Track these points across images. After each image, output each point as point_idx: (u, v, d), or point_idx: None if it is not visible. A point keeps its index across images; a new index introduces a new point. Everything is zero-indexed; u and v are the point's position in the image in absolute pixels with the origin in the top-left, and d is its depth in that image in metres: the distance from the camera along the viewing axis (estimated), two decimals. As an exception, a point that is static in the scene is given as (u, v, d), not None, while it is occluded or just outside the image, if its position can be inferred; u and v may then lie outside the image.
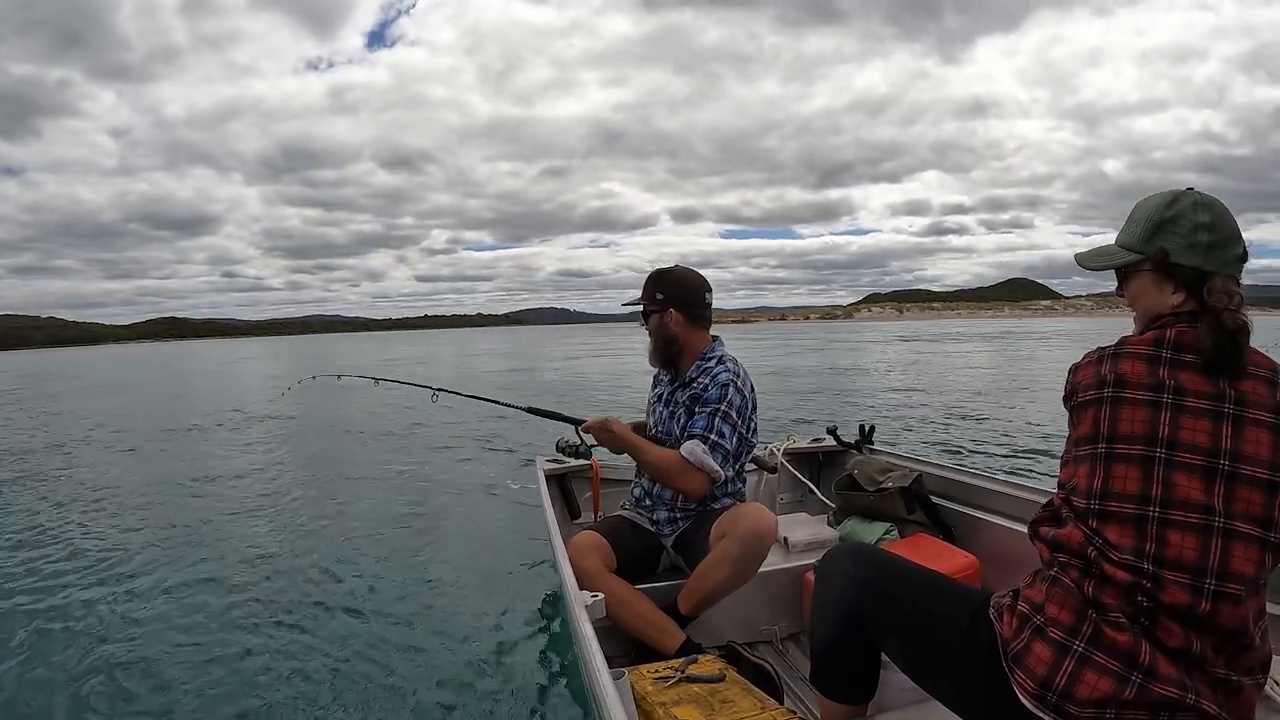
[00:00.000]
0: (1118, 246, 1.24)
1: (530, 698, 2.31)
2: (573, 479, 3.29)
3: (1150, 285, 1.19)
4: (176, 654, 2.63)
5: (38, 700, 2.33)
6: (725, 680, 1.76)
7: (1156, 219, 1.18)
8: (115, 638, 2.78)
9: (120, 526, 4.49)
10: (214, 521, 4.58)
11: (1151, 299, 1.19)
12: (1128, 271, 1.23)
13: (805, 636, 2.35)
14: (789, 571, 2.39)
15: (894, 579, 1.37)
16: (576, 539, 2.22)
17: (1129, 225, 1.23)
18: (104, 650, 2.67)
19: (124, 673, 2.49)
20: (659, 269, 2.46)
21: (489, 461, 6.50)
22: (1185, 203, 1.16)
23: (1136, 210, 1.23)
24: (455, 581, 3.37)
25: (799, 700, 2.02)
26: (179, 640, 2.74)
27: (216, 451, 7.58)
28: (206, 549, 3.94)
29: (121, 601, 3.17)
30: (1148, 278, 1.19)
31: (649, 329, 2.41)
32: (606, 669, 1.49)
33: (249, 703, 2.28)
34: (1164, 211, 1.17)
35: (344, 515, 4.65)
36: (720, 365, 2.33)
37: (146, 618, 2.97)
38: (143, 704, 2.30)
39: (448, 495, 5.20)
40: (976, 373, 15.86)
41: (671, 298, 2.37)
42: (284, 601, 3.12)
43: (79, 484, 5.94)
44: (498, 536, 4.13)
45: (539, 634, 2.79)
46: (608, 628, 1.96)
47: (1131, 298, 1.23)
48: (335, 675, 2.44)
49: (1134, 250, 1.20)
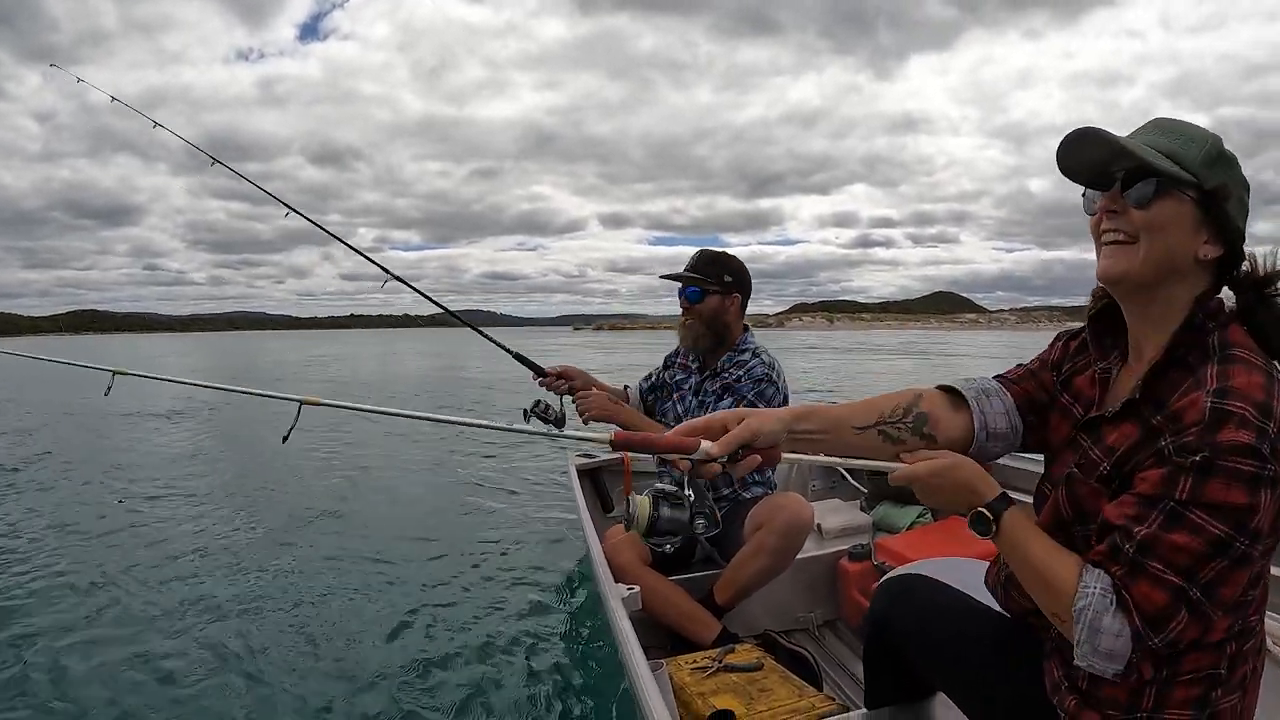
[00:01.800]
0: (1161, 155, 0.91)
1: (569, 691, 2.35)
2: (604, 472, 3.32)
3: (1189, 219, 0.92)
4: (225, 638, 2.71)
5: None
6: (763, 669, 1.78)
7: (1218, 150, 0.92)
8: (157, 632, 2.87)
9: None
10: (272, 518, 4.69)
11: (1182, 236, 0.92)
12: (1160, 190, 0.91)
13: (842, 623, 2.36)
14: (823, 559, 2.39)
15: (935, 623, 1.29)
16: (610, 533, 2.25)
17: (1175, 139, 0.93)
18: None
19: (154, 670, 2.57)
20: (717, 251, 2.40)
21: (518, 459, 6.57)
22: (1233, 153, 0.94)
23: (1180, 127, 0.95)
24: (491, 576, 3.42)
25: (838, 687, 2.03)
26: (229, 626, 2.82)
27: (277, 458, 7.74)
28: (256, 549, 4.03)
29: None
30: (1190, 209, 0.91)
31: (701, 309, 2.30)
32: (645, 660, 1.51)
33: (291, 692, 2.33)
34: (1222, 148, 0.93)
35: (376, 514, 4.73)
36: (755, 358, 2.30)
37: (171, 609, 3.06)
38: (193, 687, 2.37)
39: (481, 492, 5.27)
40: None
41: (739, 283, 2.32)
42: (322, 596, 3.19)
43: None
44: (532, 531, 4.17)
45: (576, 627, 2.83)
46: (644, 620, 1.99)
47: (1149, 222, 0.92)
48: (375, 666, 2.49)
49: (1188, 169, 0.91)
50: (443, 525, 4.43)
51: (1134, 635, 0.87)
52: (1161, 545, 0.85)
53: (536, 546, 3.88)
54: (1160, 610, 0.85)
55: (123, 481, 5.84)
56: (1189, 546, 0.83)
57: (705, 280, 2.30)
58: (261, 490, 5.58)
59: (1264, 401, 0.83)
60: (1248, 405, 0.83)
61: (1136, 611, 0.86)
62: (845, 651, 2.23)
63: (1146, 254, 0.93)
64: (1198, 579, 0.84)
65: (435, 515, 4.69)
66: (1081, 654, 0.89)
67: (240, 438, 8.61)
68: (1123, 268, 0.95)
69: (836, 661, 2.18)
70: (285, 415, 1.20)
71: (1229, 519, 0.82)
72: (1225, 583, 0.84)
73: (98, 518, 4.67)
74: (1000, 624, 1.20)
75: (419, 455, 7.08)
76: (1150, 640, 0.86)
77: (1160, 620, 0.86)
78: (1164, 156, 0.91)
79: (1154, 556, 0.86)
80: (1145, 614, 0.86)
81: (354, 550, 3.96)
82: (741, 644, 1.94)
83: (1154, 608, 0.86)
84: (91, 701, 2.35)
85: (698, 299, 2.30)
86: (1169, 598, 0.85)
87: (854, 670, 2.10)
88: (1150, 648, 0.87)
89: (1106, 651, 0.87)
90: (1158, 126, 0.97)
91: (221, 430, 9.18)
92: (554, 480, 5.38)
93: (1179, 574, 0.84)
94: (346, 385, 17.37)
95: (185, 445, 7.90)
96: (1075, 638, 0.89)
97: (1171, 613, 0.85)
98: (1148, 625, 0.86)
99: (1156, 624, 0.86)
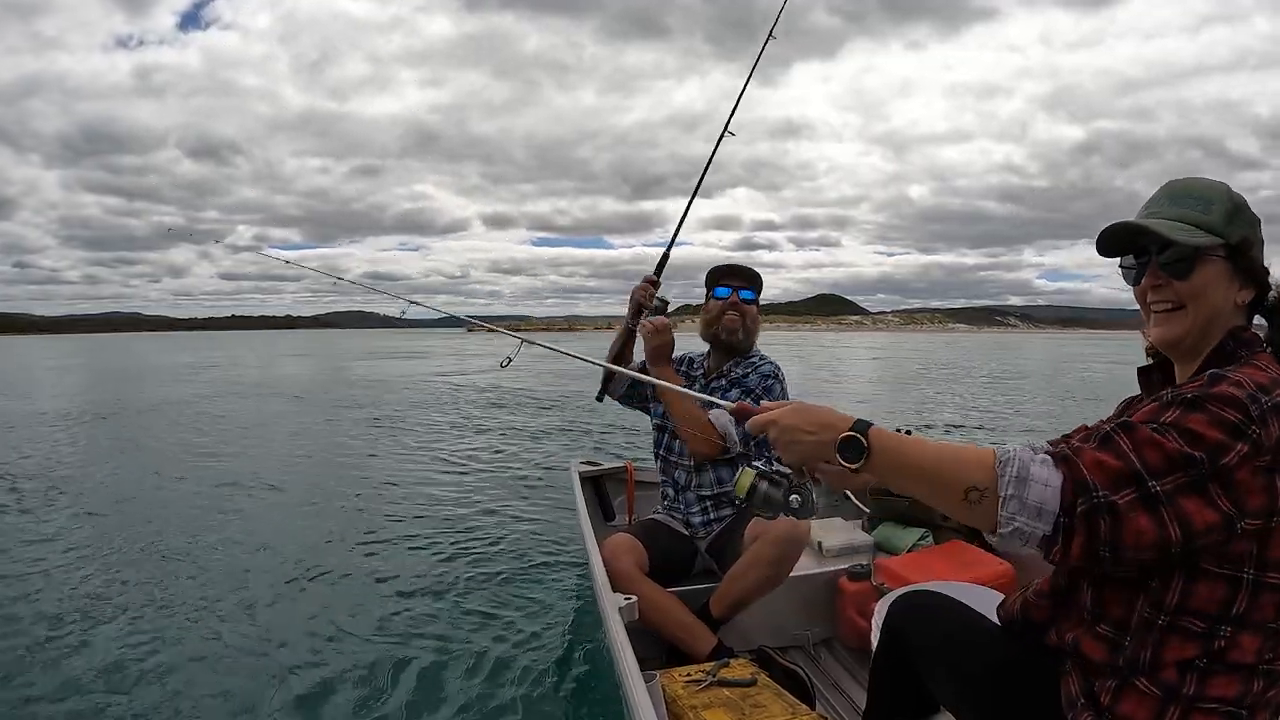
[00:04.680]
0: (1190, 226, 1.00)
1: (562, 699, 2.34)
2: (607, 481, 3.32)
3: (1224, 276, 1.00)
4: (192, 645, 2.71)
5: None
6: (757, 685, 1.76)
7: (1234, 202, 1.01)
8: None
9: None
10: (225, 515, 4.70)
11: (1221, 294, 1.00)
12: (1197, 258, 0.99)
13: (838, 642, 2.34)
14: (822, 577, 2.38)
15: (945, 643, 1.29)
16: (610, 541, 2.24)
17: (1198, 203, 1.01)
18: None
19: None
20: (747, 266, 2.52)
21: (522, 459, 6.57)
22: (1240, 195, 1.03)
23: (1196, 188, 1.03)
24: (487, 581, 3.41)
25: (831, 706, 2.01)
26: (200, 633, 2.83)
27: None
28: (216, 548, 4.04)
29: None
30: (1222, 267, 1.00)
31: (750, 310, 2.43)
32: (638, 671, 1.51)
33: (276, 697, 2.32)
34: (1234, 197, 1.02)
35: (370, 513, 4.74)
36: (764, 360, 2.45)
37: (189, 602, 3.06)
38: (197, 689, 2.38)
39: (482, 495, 5.27)
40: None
41: (760, 297, 2.50)
42: (312, 598, 3.19)
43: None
44: (531, 537, 4.17)
45: (571, 635, 2.82)
46: (640, 630, 1.98)
47: (1192, 290, 1.00)
48: (366, 672, 2.49)
49: (1214, 233, 0.99)
50: (443, 526, 4.43)
51: (1072, 487, 0.85)
52: (1137, 434, 0.87)
53: (536, 551, 3.87)
54: (1110, 475, 0.85)
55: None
56: (1161, 446, 0.85)
57: (757, 289, 2.47)
58: (282, 490, 5.60)
59: (1265, 383, 0.90)
60: (1245, 379, 0.90)
61: (1083, 468, 0.86)
62: (840, 671, 2.21)
63: (1194, 317, 1.01)
64: (1159, 477, 0.84)
65: (437, 515, 4.70)
66: (1007, 514, 0.86)
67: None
68: (1177, 333, 1.03)
69: (831, 681, 2.16)
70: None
71: (1201, 446, 0.84)
72: (1185, 497, 0.84)
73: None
74: (1015, 646, 1.20)
75: (424, 455, 7.10)
76: (1095, 493, 0.84)
77: (1107, 483, 0.84)
78: (1192, 227, 1.00)
79: (1125, 437, 0.88)
80: (1092, 473, 0.85)
81: (349, 547, 3.97)
82: (736, 658, 1.93)
83: (1103, 472, 0.85)
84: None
85: (751, 300, 2.46)
86: (1124, 469, 0.85)
87: (848, 690, 2.09)
88: (1094, 503, 0.84)
89: (1035, 505, 0.85)
90: (1174, 193, 1.04)
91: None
92: (556, 485, 5.37)
93: (1141, 462, 0.85)
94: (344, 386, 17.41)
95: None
96: (1001, 495, 0.87)
97: (1120, 483, 0.85)
98: (1092, 475, 0.85)
99: (1102, 484, 0.84)
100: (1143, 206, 1.08)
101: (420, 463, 6.66)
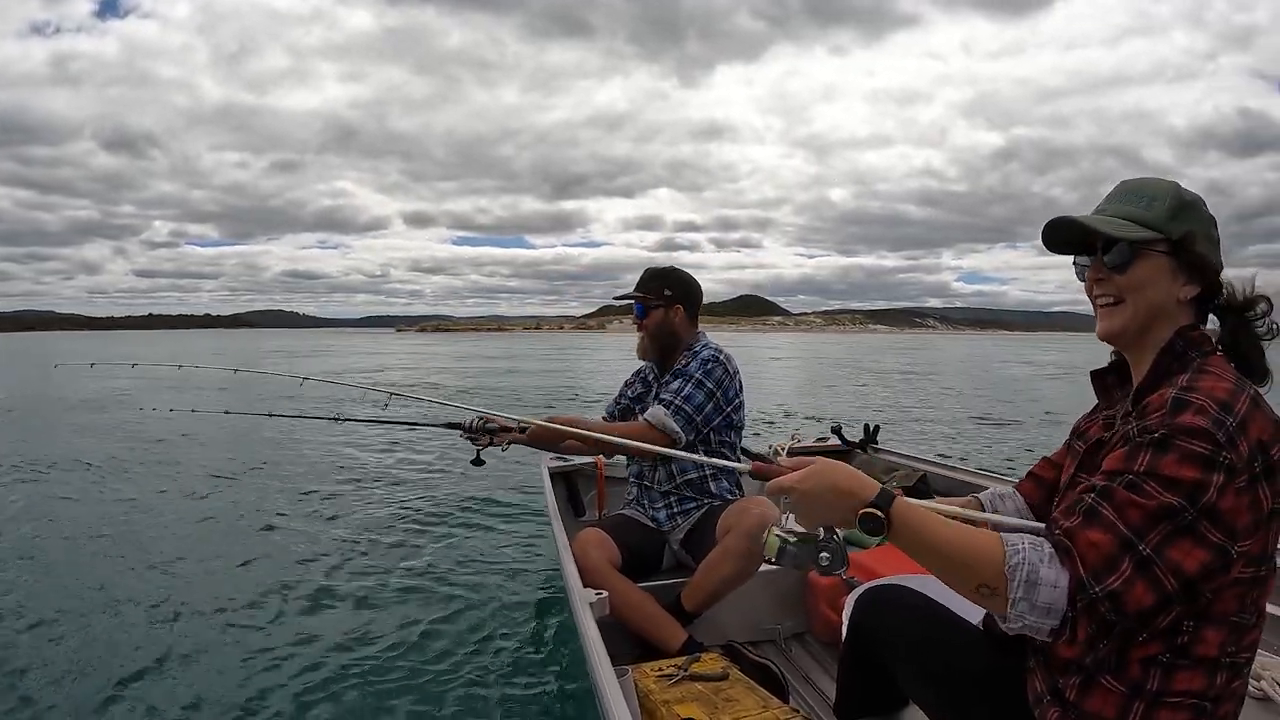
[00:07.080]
0: (1130, 221, 1.03)
1: (533, 695, 2.31)
2: (577, 477, 3.29)
3: (1165, 271, 1.02)
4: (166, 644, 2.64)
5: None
6: (729, 679, 1.76)
7: (1179, 199, 1.03)
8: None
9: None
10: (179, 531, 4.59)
11: (1161, 288, 1.03)
12: (1136, 252, 1.02)
13: (810, 636, 2.35)
14: (793, 571, 2.38)
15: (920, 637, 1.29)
16: (581, 536, 2.22)
17: (1141, 200, 1.04)
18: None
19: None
20: (661, 267, 2.49)
21: (492, 454, 6.50)
22: (1194, 193, 1.05)
23: (1144, 187, 1.06)
24: (457, 579, 3.36)
25: (803, 699, 2.01)
26: (166, 637, 2.75)
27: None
28: (188, 555, 3.95)
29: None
30: (1163, 262, 1.02)
31: (648, 323, 2.41)
32: (610, 666, 1.49)
33: (245, 702, 2.26)
34: (1182, 194, 1.03)
35: (341, 517, 4.65)
36: (705, 348, 2.40)
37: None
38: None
39: (449, 493, 5.21)
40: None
41: (678, 295, 2.42)
42: (281, 602, 3.12)
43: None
44: (501, 533, 4.13)
45: (542, 631, 2.79)
46: (612, 625, 1.96)
47: (1130, 283, 1.03)
48: (336, 673, 2.44)
49: (1154, 229, 1.02)
50: (412, 524, 4.37)
51: (1074, 585, 0.87)
52: (1117, 497, 0.90)
53: (508, 548, 3.84)
54: (1105, 557, 0.87)
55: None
56: (1142, 505, 0.88)
57: (647, 297, 2.42)
58: (227, 490, 5.47)
59: (1225, 399, 0.91)
60: (1208, 399, 0.91)
61: (1080, 559, 0.88)
62: (812, 664, 2.22)
63: (1134, 310, 1.04)
64: (1145, 537, 0.87)
65: (404, 513, 4.63)
66: (1016, 613, 0.89)
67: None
68: (1117, 326, 1.06)
69: (803, 674, 2.16)
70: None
71: (1180, 491, 0.87)
72: (1174, 546, 0.86)
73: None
74: (981, 638, 1.21)
75: (385, 450, 7.01)
76: (1092, 589, 0.86)
77: (1104, 567, 0.87)
78: (1132, 223, 1.03)
79: (1108, 506, 0.89)
80: (1088, 561, 0.88)
81: (312, 549, 3.90)
82: (707, 653, 1.92)
83: (1098, 554, 0.87)
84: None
85: (643, 315, 2.42)
86: (1115, 543, 0.87)
87: (820, 683, 2.09)
88: (1093, 598, 0.86)
89: (1044, 606, 0.88)
90: (1124, 191, 1.07)
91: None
92: (527, 481, 5.32)
93: (1128, 526, 0.87)
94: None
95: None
96: (1010, 597, 0.89)
97: (1116, 560, 0.87)
98: (1091, 573, 0.87)
99: (1100, 572, 0.87)
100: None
101: (385, 464, 6.56)
